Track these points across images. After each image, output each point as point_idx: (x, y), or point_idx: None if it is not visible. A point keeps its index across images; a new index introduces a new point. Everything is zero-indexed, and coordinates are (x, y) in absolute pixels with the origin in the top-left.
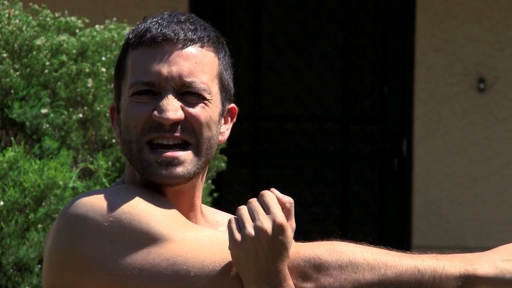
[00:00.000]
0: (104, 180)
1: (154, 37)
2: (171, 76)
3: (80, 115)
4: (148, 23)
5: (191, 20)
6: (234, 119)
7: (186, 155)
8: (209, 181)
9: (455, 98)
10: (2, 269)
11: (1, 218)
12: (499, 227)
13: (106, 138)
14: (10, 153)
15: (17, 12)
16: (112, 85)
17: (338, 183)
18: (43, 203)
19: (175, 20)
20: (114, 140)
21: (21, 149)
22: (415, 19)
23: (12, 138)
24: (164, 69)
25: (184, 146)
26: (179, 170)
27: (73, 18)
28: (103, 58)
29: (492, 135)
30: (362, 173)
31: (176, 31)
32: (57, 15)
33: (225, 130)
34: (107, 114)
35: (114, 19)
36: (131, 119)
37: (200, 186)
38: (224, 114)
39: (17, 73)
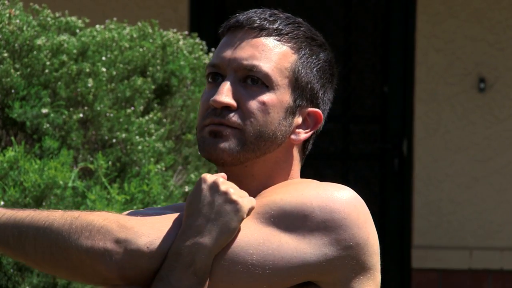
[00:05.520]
0: (104, 180)
1: (230, 25)
2: (233, 59)
3: (81, 115)
4: (237, 14)
5: (278, 15)
6: (318, 126)
7: (230, 132)
8: None
9: (456, 98)
10: (2, 269)
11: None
12: (499, 227)
13: (106, 138)
14: (10, 153)
15: (17, 12)
16: (113, 84)
17: (338, 183)
18: (44, 203)
19: (259, 11)
20: (114, 140)
21: (21, 149)
22: (415, 19)
23: (13, 138)
24: (229, 52)
25: (231, 127)
26: (222, 143)
27: (74, 18)
28: (104, 58)
29: (493, 135)
30: (362, 173)
31: (251, 19)
32: (57, 15)
33: (302, 132)
34: (108, 114)
35: (115, 19)
36: (200, 107)
37: (268, 180)
38: (297, 112)
39: (18, 73)
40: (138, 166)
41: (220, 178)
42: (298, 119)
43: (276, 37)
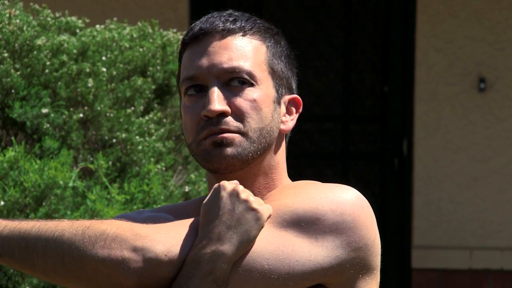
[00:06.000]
0: (105, 180)
1: (195, 35)
2: (212, 65)
3: (81, 115)
4: (194, 24)
5: (234, 14)
6: (300, 110)
7: (234, 136)
8: None
9: (456, 98)
10: (3, 269)
11: (2, 218)
12: (499, 226)
13: (106, 138)
14: (10, 153)
15: (17, 12)
16: (113, 84)
17: (338, 183)
18: (44, 203)
19: (216, 15)
20: (114, 140)
21: (21, 149)
22: (415, 19)
23: (13, 138)
24: (205, 61)
25: (233, 132)
26: (229, 150)
27: (74, 18)
28: (104, 58)
29: (493, 135)
30: (362, 173)
31: (214, 24)
32: (57, 15)
33: (289, 120)
34: (108, 114)
35: (115, 18)
36: (187, 124)
37: (268, 175)
38: (281, 101)
39: (18, 73)
40: (138, 166)
41: (240, 186)
42: (283, 108)
43: (241, 33)
